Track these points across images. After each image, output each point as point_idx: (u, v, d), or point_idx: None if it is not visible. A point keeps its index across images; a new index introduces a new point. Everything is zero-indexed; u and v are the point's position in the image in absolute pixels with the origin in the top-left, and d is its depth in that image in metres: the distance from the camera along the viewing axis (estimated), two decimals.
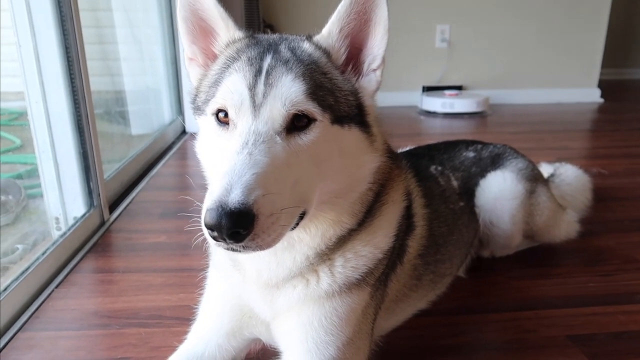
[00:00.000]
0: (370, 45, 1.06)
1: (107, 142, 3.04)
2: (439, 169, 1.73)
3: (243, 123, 0.94)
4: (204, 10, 1.10)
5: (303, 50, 1.03)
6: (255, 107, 0.94)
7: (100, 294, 1.79)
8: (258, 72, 0.96)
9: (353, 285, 1.13)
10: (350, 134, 1.02)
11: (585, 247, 2.09)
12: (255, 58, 0.99)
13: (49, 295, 1.74)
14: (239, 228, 0.82)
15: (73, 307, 1.68)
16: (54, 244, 1.96)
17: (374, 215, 1.15)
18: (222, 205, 0.81)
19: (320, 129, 0.96)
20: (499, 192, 1.79)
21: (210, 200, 0.83)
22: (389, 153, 1.19)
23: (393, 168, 1.21)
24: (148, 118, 4.02)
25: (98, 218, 2.31)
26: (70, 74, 2.15)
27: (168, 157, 3.49)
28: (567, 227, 2.02)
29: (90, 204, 2.29)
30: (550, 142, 4.10)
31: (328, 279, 1.11)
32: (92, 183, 2.28)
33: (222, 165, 0.89)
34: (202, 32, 1.13)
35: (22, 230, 2.28)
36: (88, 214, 2.23)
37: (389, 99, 5.52)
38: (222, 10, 1.09)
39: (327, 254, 1.11)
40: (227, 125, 0.98)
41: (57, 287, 1.79)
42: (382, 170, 1.15)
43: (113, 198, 2.63)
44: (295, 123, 0.95)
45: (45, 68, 2.10)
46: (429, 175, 1.66)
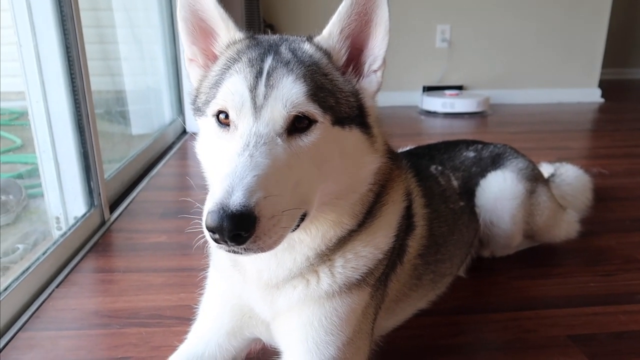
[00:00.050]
0: (371, 46, 1.06)
1: (107, 141, 3.04)
2: (439, 169, 1.73)
3: (244, 125, 0.94)
4: (204, 11, 1.10)
5: (304, 52, 1.03)
6: (256, 108, 0.94)
7: (101, 294, 1.79)
8: (259, 73, 0.96)
9: (353, 286, 1.13)
10: (351, 135, 1.02)
11: (586, 247, 2.09)
12: (256, 59, 0.99)
13: (50, 295, 1.74)
14: (241, 230, 0.82)
15: (73, 306, 1.69)
16: (55, 244, 1.96)
17: (374, 216, 1.15)
18: (223, 208, 0.81)
19: (321, 131, 0.96)
20: (500, 192, 1.79)
21: (212, 203, 0.83)
22: (390, 154, 1.19)
23: (393, 169, 1.21)
24: (148, 118, 4.02)
25: (98, 218, 2.32)
26: (71, 74, 2.15)
27: (168, 157, 3.49)
28: (567, 227, 2.02)
29: (91, 204, 2.29)
30: (551, 142, 4.10)
31: (328, 280, 1.11)
32: (92, 183, 2.28)
33: (223, 167, 0.89)
34: (202, 32, 1.13)
35: (22, 230, 2.28)
36: (88, 214, 2.24)
37: (390, 99, 5.52)
38: (222, 11, 1.09)
39: (327, 255, 1.11)
40: (227, 127, 0.98)
41: (57, 286, 1.80)
42: (382, 171, 1.15)
43: (113, 198, 2.63)
44: (296, 124, 0.95)
45: (46, 68, 2.10)
46: (429, 175, 1.66)
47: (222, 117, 0.98)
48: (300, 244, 1.09)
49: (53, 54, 2.09)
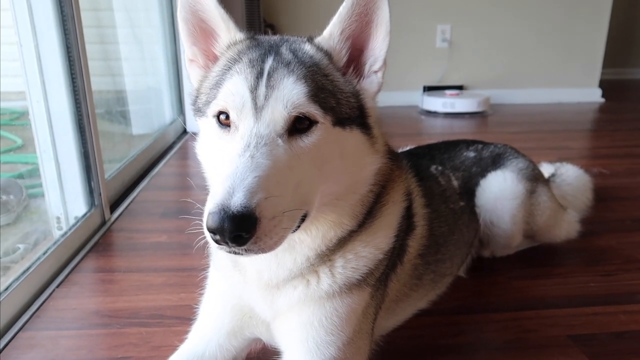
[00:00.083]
0: (372, 47, 1.06)
1: (108, 141, 3.04)
2: (440, 169, 1.74)
3: (245, 125, 0.94)
4: (205, 12, 1.10)
5: (304, 52, 1.03)
6: (257, 109, 0.94)
7: (101, 294, 1.79)
8: (259, 74, 0.96)
9: (353, 286, 1.13)
10: (352, 136, 1.02)
11: (586, 247, 2.09)
12: (257, 60, 0.99)
13: (50, 295, 1.74)
14: (242, 231, 0.82)
15: (74, 306, 1.69)
16: (55, 244, 1.96)
17: (375, 216, 1.15)
18: (224, 209, 0.81)
19: (322, 131, 0.96)
20: (500, 192, 1.79)
21: (213, 204, 0.83)
22: (390, 154, 1.18)
23: (394, 169, 1.21)
24: (149, 118, 4.02)
25: (99, 217, 2.32)
26: (72, 74, 2.15)
27: (169, 156, 3.49)
28: (567, 227, 2.02)
29: (91, 204, 2.29)
30: (551, 141, 4.10)
31: (328, 280, 1.12)
32: (93, 182, 2.28)
33: (223, 168, 0.89)
34: (202, 33, 1.13)
35: (23, 230, 2.28)
36: (89, 214, 2.24)
37: (390, 99, 5.52)
38: (223, 12, 1.09)
39: (327, 255, 1.11)
40: (228, 128, 0.98)
41: (58, 286, 1.80)
42: (382, 172, 1.15)
43: (114, 198, 2.63)
44: (297, 125, 0.95)
45: (47, 68, 2.10)
46: (430, 175, 1.67)
47: (222, 117, 0.98)
48: (301, 245, 1.09)
49: (54, 54, 2.09)
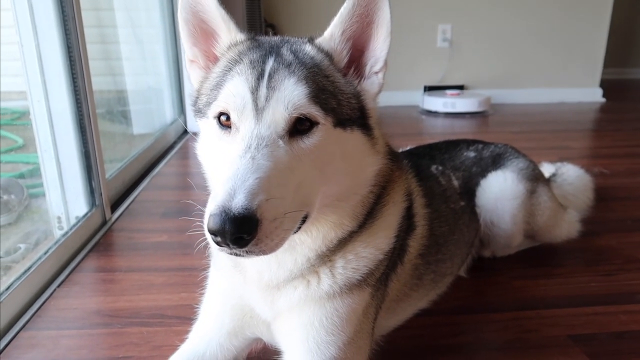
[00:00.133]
0: (373, 48, 1.06)
1: (109, 141, 3.05)
2: (440, 169, 1.74)
3: (245, 127, 0.94)
4: (205, 12, 1.09)
5: (305, 53, 1.02)
6: (258, 110, 0.93)
7: (102, 293, 1.79)
8: (260, 75, 0.96)
9: (354, 286, 1.14)
10: (353, 137, 1.02)
11: (587, 246, 2.09)
12: (258, 61, 0.99)
13: (51, 295, 1.75)
14: (243, 233, 0.82)
15: (75, 306, 1.69)
16: (56, 243, 1.96)
17: (375, 217, 1.15)
18: (225, 211, 0.81)
19: (323, 133, 0.96)
20: (500, 191, 1.80)
21: (214, 205, 0.83)
22: (390, 155, 1.19)
23: (394, 169, 1.21)
24: (150, 118, 4.03)
25: (100, 217, 2.32)
26: (73, 74, 2.15)
27: (170, 156, 3.50)
28: (568, 226, 2.02)
29: (92, 204, 2.30)
30: (552, 141, 4.10)
31: (329, 280, 1.12)
32: (94, 182, 2.28)
33: (224, 169, 0.89)
34: (203, 34, 1.13)
35: (24, 230, 2.29)
36: (90, 213, 2.24)
37: (391, 99, 5.51)
38: (223, 12, 1.08)
39: (327, 256, 1.11)
40: (229, 129, 0.98)
41: (59, 286, 1.80)
42: (383, 172, 1.15)
43: (115, 197, 2.63)
44: (298, 127, 0.95)
45: (48, 67, 2.10)
46: (430, 175, 1.67)
47: (223, 119, 0.98)
48: (301, 245, 1.09)
49: (54, 54, 2.09)
